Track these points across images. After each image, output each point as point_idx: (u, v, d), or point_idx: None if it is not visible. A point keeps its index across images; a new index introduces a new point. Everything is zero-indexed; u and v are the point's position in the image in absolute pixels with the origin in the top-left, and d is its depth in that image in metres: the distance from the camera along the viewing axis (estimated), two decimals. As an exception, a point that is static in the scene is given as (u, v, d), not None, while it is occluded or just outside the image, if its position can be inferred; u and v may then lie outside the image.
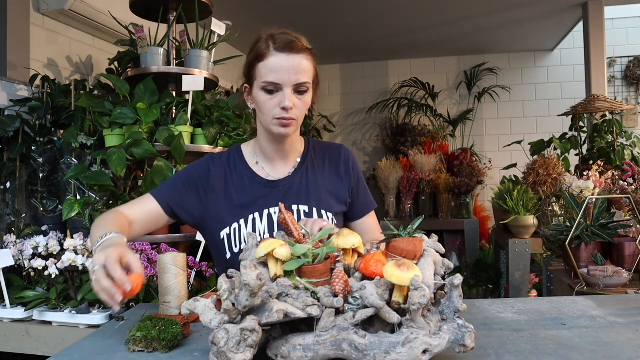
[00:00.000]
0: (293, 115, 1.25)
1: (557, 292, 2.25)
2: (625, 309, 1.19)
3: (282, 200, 1.31)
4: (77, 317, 1.63)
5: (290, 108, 1.24)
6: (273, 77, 1.22)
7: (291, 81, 1.23)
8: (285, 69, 1.22)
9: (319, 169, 1.40)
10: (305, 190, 1.35)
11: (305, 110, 1.30)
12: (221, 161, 1.38)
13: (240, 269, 0.87)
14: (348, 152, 1.46)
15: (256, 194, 1.34)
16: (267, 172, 1.37)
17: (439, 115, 5.86)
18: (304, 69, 1.24)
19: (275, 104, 1.24)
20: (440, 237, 1.85)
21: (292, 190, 1.35)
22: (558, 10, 4.54)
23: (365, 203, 1.46)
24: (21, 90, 2.43)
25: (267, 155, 1.37)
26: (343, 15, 4.55)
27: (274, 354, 0.83)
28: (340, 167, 1.42)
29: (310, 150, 1.42)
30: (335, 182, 1.40)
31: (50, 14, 2.74)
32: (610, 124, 3.44)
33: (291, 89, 1.24)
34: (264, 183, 1.35)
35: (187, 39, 2.44)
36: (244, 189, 1.34)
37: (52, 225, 2.17)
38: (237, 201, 1.33)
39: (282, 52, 1.23)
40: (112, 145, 2.10)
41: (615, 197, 2.16)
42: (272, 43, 1.24)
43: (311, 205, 1.34)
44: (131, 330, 0.97)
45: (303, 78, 1.24)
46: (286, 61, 1.22)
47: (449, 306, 0.86)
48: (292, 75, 1.23)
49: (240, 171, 1.37)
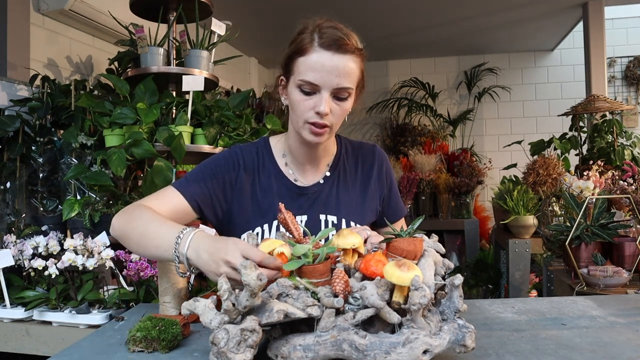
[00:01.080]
0: (327, 121, 1.13)
1: (557, 292, 2.25)
2: (625, 309, 1.19)
3: (310, 209, 1.24)
4: (77, 317, 1.63)
5: (326, 114, 1.12)
6: (312, 76, 1.11)
7: (332, 84, 1.11)
8: (327, 70, 1.10)
9: (351, 175, 1.31)
10: (335, 199, 1.26)
11: (343, 118, 1.18)
12: (250, 157, 1.27)
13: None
14: (382, 154, 1.36)
15: (283, 200, 1.20)
16: (296, 176, 1.27)
17: (439, 115, 5.86)
18: (348, 72, 1.12)
19: (309, 106, 1.13)
20: (440, 237, 1.85)
21: (320, 198, 1.26)
22: (558, 10, 4.54)
23: (396, 210, 1.37)
24: (21, 90, 2.43)
25: (297, 158, 1.27)
26: (343, 16, 4.53)
27: (274, 354, 0.83)
28: (373, 172, 1.32)
29: (343, 154, 1.32)
30: (367, 189, 1.31)
31: (50, 14, 2.74)
32: (610, 124, 3.44)
33: (329, 93, 1.12)
34: (292, 188, 1.26)
35: (187, 39, 2.44)
36: (271, 191, 1.24)
37: (52, 225, 2.17)
38: (263, 204, 1.24)
39: (327, 50, 1.10)
40: (112, 145, 2.10)
41: (615, 197, 2.16)
42: (317, 37, 1.12)
43: (340, 217, 1.25)
44: (131, 330, 0.96)
45: (345, 82, 1.12)
46: (329, 61, 1.10)
47: (449, 306, 0.86)
48: (333, 78, 1.10)
49: (269, 170, 1.27)
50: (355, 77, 1.15)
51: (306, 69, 1.11)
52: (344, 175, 1.30)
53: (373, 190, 1.32)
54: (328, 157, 1.30)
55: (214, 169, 1.24)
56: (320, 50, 1.11)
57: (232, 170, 1.24)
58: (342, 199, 1.27)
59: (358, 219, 1.26)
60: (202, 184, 1.22)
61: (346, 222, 1.25)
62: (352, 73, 1.13)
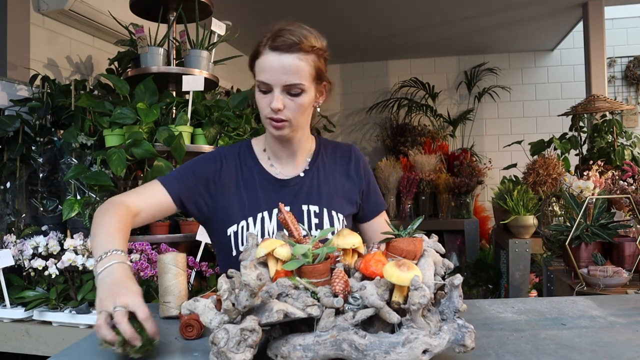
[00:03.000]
0: (283, 116, 1.22)
1: (557, 292, 2.25)
2: (625, 309, 1.19)
3: (293, 200, 1.30)
4: (77, 317, 1.63)
5: (278, 109, 1.20)
6: (263, 76, 1.20)
7: (280, 81, 1.19)
8: (274, 69, 1.19)
9: (330, 169, 1.38)
10: (317, 190, 1.33)
11: (302, 112, 1.25)
12: (232, 155, 1.35)
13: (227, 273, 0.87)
14: (358, 152, 1.44)
15: (266, 193, 1.30)
16: (277, 170, 1.35)
17: (439, 115, 5.86)
18: (295, 70, 1.19)
19: (266, 103, 1.22)
20: (440, 237, 1.85)
21: (302, 190, 1.33)
22: (558, 10, 4.54)
23: (376, 204, 1.45)
24: (21, 90, 2.43)
25: (276, 153, 1.35)
26: (343, 15, 4.55)
27: (274, 354, 0.83)
28: (350, 167, 1.40)
29: (322, 150, 1.40)
30: (346, 183, 1.38)
31: (50, 14, 2.74)
32: (610, 124, 3.44)
33: (280, 90, 1.20)
34: (274, 181, 1.33)
35: (187, 39, 2.44)
36: (254, 186, 1.31)
37: (52, 225, 2.17)
38: (247, 198, 1.30)
39: (274, 51, 1.19)
40: (112, 145, 2.10)
41: (615, 197, 2.16)
42: (270, 41, 1.20)
43: (322, 206, 1.32)
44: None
45: (294, 79, 1.19)
46: (276, 61, 1.19)
47: (449, 306, 0.86)
48: (281, 76, 1.19)
49: (251, 167, 1.34)
50: (306, 74, 1.21)
51: (260, 70, 1.21)
52: (323, 168, 1.37)
53: (352, 184, 1.39)
54: (306, 152, 1.37)
55: (198, 167, 1.31)
56: (269, 52, 1.20)
57: (215, 167, 1.31)
58: (323, 190, 1.34)
59: (339, 208, 1.34)
60: (187, 181, 1.29)
61: (328, 211, 1.32)
62: (301, 70, 1.20)
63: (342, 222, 1.33)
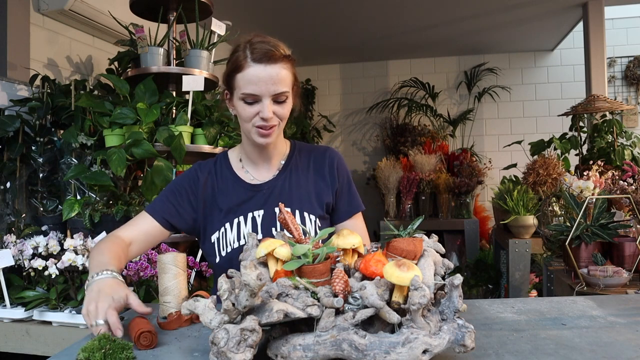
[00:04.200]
0: (274, 122, 1.27)
1: (557, 292, 2.25)
2: (625, 309, 1.19)
3: (265, 203, 1.35)
4: (77, 317, 1.63)
5: (270, 118, 1.25)
6: (251, 89, 1.23)
7: (269, 92, 1.24)
8: (263, 81, 1.23)
9: (303, 172, 1.41)
10: (288, 192, 1.37)
11: (286, 117, 1.31)
12: (207, 167, 1.41)
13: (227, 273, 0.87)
14: (334, 153, 1.45)
15: (240, 198, 1.36)
16: (251, 175, 1.40)
17: (439, 115, 5.86)
18: (281, 79, 1.24)
19: (254, 113, 1.26)
20: (440, 237, 1.85)
21: (274, 193, 1.36)
22: (558, 10, 4.54)
23: (351, 204, 1.45)
24: (21, 90, 2.43)
25: (251, 159, 1.40)
26: (343, 15, 4.55)
27: (274, 354, 0.83)
28: (324, 168, 1.42)
29: (295, 153, 1.43)
30: (319, 184, 1.40)
31: (50, 14, 2.74)
32: (610, 124, 3.45)
33: (270, 99, 1.25)
34: (247, 187, 1.38)
35: (187, 39, 2.44)
36: (229, 193, 1.37)
37: (52, 225, 2.17)
38: (223, 205, 1.36)
39: (259, 63, 1.23)
40: (112, 145, 2.10)
41: (615, 197, 2.16)
42: (249, 53, 1.24)
43: (294, 208, 1.35)
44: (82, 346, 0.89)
45: (281, 88, 1.25)
46: (264, 72, 1.23)
47: (449, 306, 0.86)
48: (270, 86, 1.23)
49: (226, 176, 1.40)
50: (288, 81, 1.27)
51: (245, 83, 1.24)
52: (295, 171, 1.41)
53: (325, 185, 1.41)
54: (280, 156, 1.42)
55: (177, 185, 1.40)
56: (254, 65, 1.23)
57: (192, 181, 1.39)
58: (295, 192, 1.38)
59: (311, 210, 1.37)
60: (168, 200, 1.38)
61: (300, 212, 1.35)
62: (285, 78, 1.26)
63: (315, 223, 1.35)
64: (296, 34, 4.80)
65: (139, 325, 1.00)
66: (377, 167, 4.83)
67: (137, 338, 0.97)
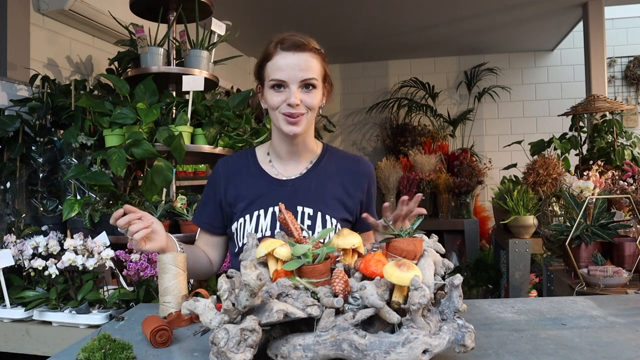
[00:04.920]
0: (301, 110, 1.28)
1: (557, 292, 2.24)
2: (625, 309, 1.19)
3: (288, 200, 1.32)
4: (77, 317, 1.63)
5: (297, 104, 1.26)
6: (279, 74, 1.26)
7: (297, 78, 1.26)
8: (290, 66, 1.26)
9: (331, 175, 1.39)
10: (314, 193, 1.35)
11: (315, 107, 1.31)
12: (231, 160, 1.45)
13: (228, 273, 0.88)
14: (368, 165, 1.45)
15: (262, 191, 1.36)
16: (277, 170, 1.40)
17: (439, 115, 5.86)
18: (310, 66, 1.27)
19: (282, 100, 1.27)
20: (440, 237, 1.85)
21: (299, 191, 1.36)
22: (558, 10, 4.54)
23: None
24: (21, 90, 2.43)
25: (280, 154, 1.40)
26: (343, 15, 4.55)
27: (274, 354, 0.83)
28: (353, 177, 1.41)
29: (327, 156, 1.42)
30: (347, 190, 1.39)
31: (50, 14, 2.74)
32: (610, 124, 3.44)
33: (297, 86, 1.26)
34: (272, 181, 1.38)
35: (187, 39, 2.44)
36: (252, 185, 1.38)
37: (52, 225, 2.17)
38: (244, 197, 1.37)
39: (288, 50, 1.26)
40: (112, 145, 2.10)
41: (615, 197, 2.16)
42: (280, 44, 1.27)
43: (316, 209, 1.34)
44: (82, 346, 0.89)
45: (309, 74, 1.27)
46: (292, 59, 1.26)
47: (449, 306, 0.86)
48: (297, 72, 1.26)
49: (250, 169, 1.41)
50: (317, 71, 1.29)
51: (274, 70, 1.28)
52: (324, 172, 1.40)
53: (351, 193, 1.39)
54: (309, 154, 1.41)
55: (207, 192, 1.45)
56: (283, 53, 1.27)
57: (215, 180, 1.43)
58: (320, 193, 1.36)
59: (333, 213, 1.35)
60: (205, 209, 1.45)
61: (322, 215, 1.34)
62: (314, 67, 1.28)
63: (336, 227, 1.34)
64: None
65: (154, 323, 1.00)
66: (377, 167, 4.82)
67: (152, 336, 0.97)
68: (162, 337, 0.98)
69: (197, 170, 3.68)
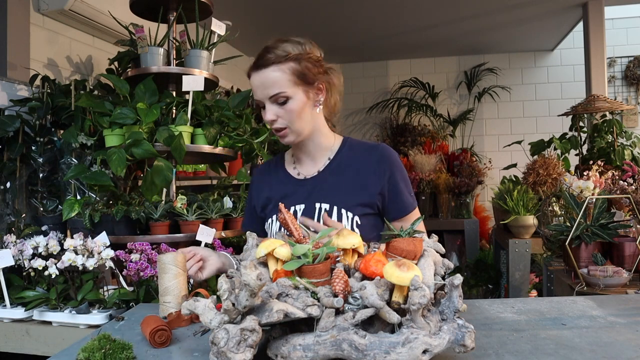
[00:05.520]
0: (280, 124, 1.32)
1: (557, 292, 2.25)
2: (625, 309, 1.19)
3: (307, 198, 1.37)
4: (77, 317, 1.63)
5: (273, 120, 1.31)
6: (255, 95, 1.33)
7: (264, 95, 1.30)
8: (257, 86, 1.31)
9: (349, 169, 1.39)
10: (330, 189, 1.37)
11: (297, 117, 1.32)
12: (263, 168, 1.55)
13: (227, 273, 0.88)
14: (387, 151, 1.41)
15: (285, 192, 1.42)
16: (299, 171, 1.46)
17: (439, 115, 5.86)
18: (272, 82, 1.28)
19: (265, 117, 1.34)
20: (440, 237, 1.85)
21: (317, 188, 1.39)
22: (558, 10, 4.54)
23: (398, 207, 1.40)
24: (21, 90, 2.43)
25: (297, 156, 1.47)
26: (343, 15, 4.55)
27: (274, 354, 0.83)
28: (370, 166, 1.38)
29: (345, 150, 1.43)
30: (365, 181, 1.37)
31: (50, 14, 2.74)
32: (610, 124, 3.44)
33: (270, 102, 1.31)
34: (293, 182, 1.44)
35: (187, 39, 2.43)
36: (278, 188, 1.45)
37: (52, 225, 2.17)
38: (272, 199, 1.44)
39: (254, 70, 1.31)
40: (112, 145, 2.10)
41: (615, 197, 2.16)
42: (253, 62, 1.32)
43: (332, 204, 1.35)
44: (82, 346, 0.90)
45: (274, 89, 1.29)
46: (257, 79, 1.30)
47: (449, 306, 0.86)
48: (262, 91, 1.30)
49: (277, 173, 1.49)
50: (284, 81, 1.29)
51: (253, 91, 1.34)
52: (340, 167, 1.41)
53: (370, 185, 1.37)
54: (326, 152, 1.43)
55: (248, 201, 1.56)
56: (252, 72, 1.32)
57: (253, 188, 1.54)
58: (337, 188, 1.38)
59: (351, 207, 1.35)
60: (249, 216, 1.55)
61: (337, 209, 1.34)
62: (278, 80, 1.29)
63: (353, 221, 1.32)
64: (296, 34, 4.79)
65: (153, 324, 1.00)
66: (377, 167, 4.81)
67: (151, 336, 0.98)
68: (161, 337, 0.98)
69: (197, 170, 3.68)
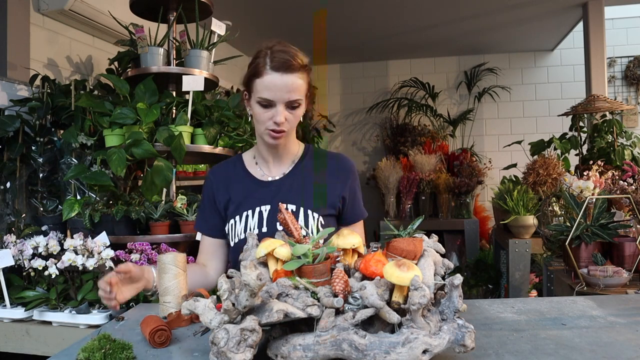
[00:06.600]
0: (285, 127, 1.36)
1: (557, 292, 2.25)
2: (625, 309, 1.19)
3: (272, 199, 1.42)
4: (77, 317, 1.63)
5: (282, 123, 1.34)
6: (267, 94, 1.32)
7: (284, 99, 1.32)
8: (278, 88, 1.31)
9: (313, 174, 1.47)
10: (296, 190, 1.43)
11: (297, 122, 1.39)
12: (220, 169, 1.54)
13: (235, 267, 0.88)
14: (347, 161, 1.52)
15: (249, 192, 1.45)
16: (263, 172, 1.49)
17: (439, 115, 5.86)
18: (296, 87, 1.33)
19: (268, 117, 1.34)
20: (440, 237, 1.85)
21: (282, 189, 1.44)
22: (558, 10, 4.54)
23: (354, 211, 1.51)
24: (21, 90, 2.43)
25: (264, 157, 1.49)
26: (343, 15, 4.55)
27: (274, 354, 0.83)
28: (334, 173, 1.48)
29: (308, 156, 1.51)
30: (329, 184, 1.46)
31: (50, 14, 2.74)
32: (610, 124, 3.44)
33: (283, 106, 1.33)
34: (257, 182, 1.47)
35: (187, 39, 2.44)
36: (240, 188, 1.47)
37: (52, 225, 2.17)
38: (234, 200, 1.46)
39: (277, 71, 1.31)
40: (112, 145, 2.10)
41: (615, 197, 2.16)
42: (269, 61, 1.32)
43: (299, 205, 1.41)
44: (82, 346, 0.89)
45: (295, 96, 1.33)
46: (280, 80, 1.31)
47: (449, 306, 0.86)
48: (284, 94, 1.32)
49: (238, 173, 1.50)
50: (303, 89, 1.36)
51: (262, 88, 1.32)
52: (306, 171, 1.48)
53: (333, 189, 1.46)
54: (291, 155, 1.49)
55: (204, 200, 1.54)
56: (272, 72, 1.31)
57: (209, 189, 1.52)
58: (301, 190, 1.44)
59: (315, 209, 1.42)
60: (206, 216, 1.52)
61: (304, 210, 1.40)
62: (300, 87, 1.34)
63: (318, 221, 1.40)
64: (296, 34, 4.80)
65: (152, 324, 1.00)
66: (377, 167, 4.82)
67: (151, 336, 0.97)
68: (160, 338, 0.98)
69: (197, 170, 3.68)
